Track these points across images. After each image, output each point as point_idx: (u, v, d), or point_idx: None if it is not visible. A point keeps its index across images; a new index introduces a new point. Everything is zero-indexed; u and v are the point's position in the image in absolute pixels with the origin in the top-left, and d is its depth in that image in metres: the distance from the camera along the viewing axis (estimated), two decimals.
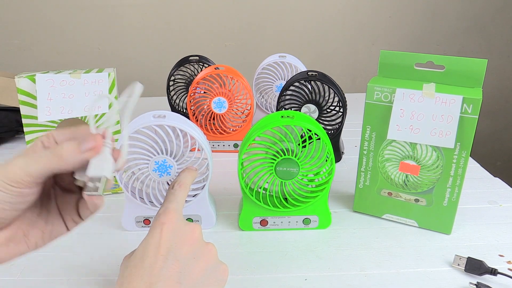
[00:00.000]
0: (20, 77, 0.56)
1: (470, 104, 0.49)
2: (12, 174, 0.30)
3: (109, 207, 0.61)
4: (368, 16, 1.35)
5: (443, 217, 0.55)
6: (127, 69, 1.34)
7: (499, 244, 0.54)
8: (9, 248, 0.33)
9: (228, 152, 0.81)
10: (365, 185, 0.58)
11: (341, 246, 0.54)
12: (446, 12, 1.36)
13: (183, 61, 0.87)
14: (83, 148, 0.31)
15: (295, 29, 1.35)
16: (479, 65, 0.51)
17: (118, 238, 0.55)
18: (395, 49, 1.38)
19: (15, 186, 0.30)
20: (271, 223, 0.56)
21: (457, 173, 0.52)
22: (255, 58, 1.22)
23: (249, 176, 0.53)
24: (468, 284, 0.47)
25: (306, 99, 0.72)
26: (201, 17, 1.31)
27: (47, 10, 1.26)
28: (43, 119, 0.57)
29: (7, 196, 0.30)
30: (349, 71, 1.41)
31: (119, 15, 1.28)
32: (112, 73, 0.60)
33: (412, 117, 0.51)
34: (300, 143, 0.52)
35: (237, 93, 0.77)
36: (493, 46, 1.42)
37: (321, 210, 0.56)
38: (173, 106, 0.89)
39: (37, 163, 0.30)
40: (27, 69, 1.20)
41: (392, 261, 0.51)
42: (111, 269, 0.49)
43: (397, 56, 0.55)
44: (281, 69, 0.86)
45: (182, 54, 0.90)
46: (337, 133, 0.73)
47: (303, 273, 0.49)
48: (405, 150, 0.54)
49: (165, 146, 0.50)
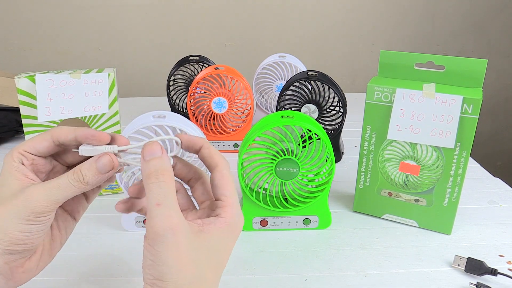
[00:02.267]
0: (20, 77, 0.56)
1: (470, 104, 0.49)
2: (38, 206, 0.30)
3: (109, 207, 0.61)
4: (368, 16, 1.35)
5: (443, 217, 0.55)
6: (127, 69, 1.34)
7: (499, 244, 0.54)
8: (38, 267, 0.34)
9: (228, 152, 0.81)
10: (365, 185, 0.58)
11: (341, 246, 0.54)
12: (446, 12, 1.36)
13: (183, 61, 0.87)
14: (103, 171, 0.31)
15: (295, 29, 1.35)
16: (479, 65, 0.51)
17: (118, 238, 0.55)
18: (395, 49, 1.38)
19: (43, 216, 0.30)
20: (271, 223, 0.56)
21: (457, 173, 0.52)
22: (255, 58, 1.22)
23: (249, 176, 0.53)
24: (468, 284, 0.47)
25: (306, 99, 0.72)
26: (201, 17, 1.31)
27: (47, 10, 1.26)
28: (43, 119, 0.57)
29: (38, 227, 0.31)
30: (349, 71, 1.41)
31: (119, 15, 1.28)
32: (112, 73, 0.60)
33: (412, 117, 0.51)
34: (300, 143, 0.52)
35: (237, 93, 0.77)
36: (493, 46, 1.42)
37: (321, 210, 0.56)
38: (173, 106, 0.89)
39: (60, 190, 0.31)
40: (27, 69, 1.20)
41: (392, 261, 0.51)
42: (111, 269, 0.49)
43: (397, 56, 0.55)
44: (281, 69, 0.86)
45: (182, 54, 0.91)
46: (337, 133, 0.73)
47: (303, 273, 0.49)
48: (405, 150, 0.54)
49: (165, 146, 0.50)
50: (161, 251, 0.27)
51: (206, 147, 0.33)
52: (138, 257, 0.51)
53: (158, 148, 0.30)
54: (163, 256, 0.27)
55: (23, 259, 0.32)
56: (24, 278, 0.33)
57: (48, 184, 0.31)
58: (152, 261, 0.27)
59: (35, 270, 0.34)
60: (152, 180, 0.29)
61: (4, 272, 0.31)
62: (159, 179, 0.29)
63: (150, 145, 0.30)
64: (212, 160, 0.32)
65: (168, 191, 0.29)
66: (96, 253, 0.52)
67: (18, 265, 0.32)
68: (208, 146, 0.33)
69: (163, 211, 0.28)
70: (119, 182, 0.52)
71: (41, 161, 0.33)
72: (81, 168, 0.31)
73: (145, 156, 0.30)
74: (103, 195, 0.65)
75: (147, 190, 0.29)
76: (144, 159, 0.30)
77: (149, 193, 0.29)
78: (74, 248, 0.53)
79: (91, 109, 0.59)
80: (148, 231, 0.27)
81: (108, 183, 0.34)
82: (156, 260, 0.27)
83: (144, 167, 0.30)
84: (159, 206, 0.28)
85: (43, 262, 0.34)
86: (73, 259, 0.51)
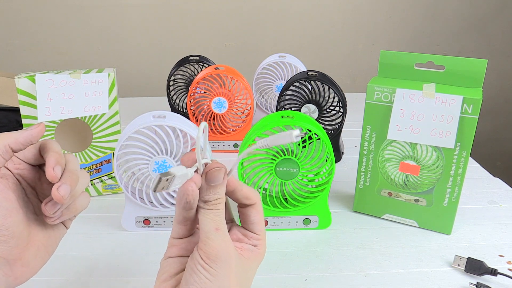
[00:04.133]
0: (20, 77, 0.56)
1: (470, 104, 0.49)
2: None
3: (109, 207, 0.61)
4: (368, 16, 1.35)
5: (443, 217, 0.55)
6: (127, 69, 1.34)
7: (499, 244, 0.54)
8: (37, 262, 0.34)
9: (228, 152, 0.81)
10: (365, 185, 0.58)
11: (341, 246, 0.54)
12: (446, 12, 1.36)
13: (183, 61, 0.87)
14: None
15: (295, 29, 1.35)
16: (479, 65, 0.51)
17: (118, 238, 0.55)
18: (395, 49, 1.38)
19: None
20: (271, 223, 0.56)
21: (457, 173, 0.52)
22: (255, 58, 1.22)
23: (249, 176, 0.53)
24: (468, 284, 0.47)
25: (306, 99, 0.72)
26: (201, 17, 1.31)
27: (47, 10, 1.26)
28: (43, 119, 0.57)
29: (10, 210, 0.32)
30: (349, 71, 1.41)
31: (119, 15, 1.28)
32: (112, 73, 0.60)
33: (412, 117, 0.51)
34: (300, 143, 0.52)
35: (237, 93, 0.77)
36: (493, 46, 1.42)
37: (321, 210, 0.56)
38: (173, 106, 0.89)
39: None
40: (27, 69, 1.20)
41: (392, 261, 0.51)
42: (111, 269, 0.49)
43: (397, 56, 0.55)
44: (281, 69, 0.86)
45: (182, 54, 0.91)
46: (337, 133, 0.73)
47: (303, 273, 0.49)
48: (405, 150, 0.54)
49: (165, 147, 0.50)
50: (220, 272, 0.30)
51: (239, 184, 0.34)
52: (138, 257, 0.51)
53: (221, 176, 0.31)
54: (221, 276, 0.29)
55: (17, 249, 0.32)
56: (24, 274, 0.33)
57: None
58: (210, 280, 0.29)
59: (34, 266, 0.34)
60: (211, 207, 0.31)
61: (3, 266, 0.31)
62: (218, 207, 0.31)
63: (217, 172, 0.31)
64: (249, 199, 0.34)
65: (223, 218, 0.31)
66: (96, 253, 0.52)
67: (16, 257, 0.32)
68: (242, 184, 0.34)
69: (222, 236, 0.30)
70: (119, 182, 0.52)
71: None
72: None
73: (209, 180, 0.31)
74: (103, 195, 0.65)
75: (203, 213, 0.31)
76: (207, 183, 0.31)
77: (206, 218, 0.31)
78: (74, 248, 0.53)
79: (91, 109, 0.59)
80: (209, 253, 0.30)
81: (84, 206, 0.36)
82: (214, 280, 0.29)
83: (204, 190, 0.31)
84: (218, 231, 0.30)
85: (41, 257, 0.34)
86: (73, 259, 0.51)
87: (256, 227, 0.34)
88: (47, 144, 0.34)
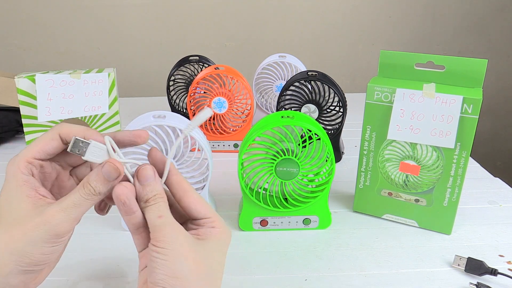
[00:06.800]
0: (20, 77, 0.56)
1: (470, 104, 0.49)
2: (60, 229, 0.30)
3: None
4: (368, 16, 1.35)
5: (443, 217, 0.55)
6: (127, 69, 1.34)
7: (499, 244, 0.54)
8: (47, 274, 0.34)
9: (228, 152, 0.81)
10: (365, 185, 0.58)
11: (341, 246, 0.54)
12: (446, 12, 1.36)
13: (183, 61, 0.87)
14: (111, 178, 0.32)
15: (295, 29, 1.35)
16: (479, 65, 0.51)
17: (117, 238, 0.55)
18: (395, 49, 1.38)
19: (65, 236, 0.31)
20: (271, 223, 0.56)
21: (457, 173, 0.52)
22: (255, 58, 1.22)
23: (249, 176, 0.53)
24: (468, 284, 0.47)
25: (306, 99, 0.72)
26: (201, 17, 1.31)
27: (47, 10, 1.26)
28: (43, 119, 0.57)
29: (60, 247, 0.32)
30: (349, 71, 1.41)
31: (119, 15, 1.28)
32: (112, 73, 0.60)
33: (412, 117, 0.51)
34: (300, 143, 0.52)
35: (237, 93, 0.77)
36: (493, 46, 1.42)
37: (321, 210, 0.56)
38: (173, 106, 0.89)
39: (77, 207, 0.31)
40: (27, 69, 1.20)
41: (392, 261, 0.51)
42: (111, 269, 0.49)
43: (397, 56, 0.55)
44: (281, 69, 0.86)
45: (182, 54, 0.90)
46: (337, 133, 0.73)
47: (303, 273, 0.49)
48: (405, 150, 0.54)
49: (165, 147, 0.50)
50: (171, 249, 0.30)
51: (175, 173, 0.34)
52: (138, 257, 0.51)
53: (151, 173, 0.33)
54: (173, 253, 0.30)
55: (37, 273, 0.32)
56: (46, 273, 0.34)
57: (63, 203, 0.31)
58: (164, 260, 0.29)
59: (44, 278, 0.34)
60: (151, 203, 0.32)
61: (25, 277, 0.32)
62: (156, 201, 0.32)
63: (145, 170, 0.32)
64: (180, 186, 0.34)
65: (166, 208, 0.32)
66: (96, 253, 0.52)
67: (32, 280, 0.32)
68: (176, 173, 0.35)
69: (166, 220, 0.31)
70: None
71: (48, 167, 0.34)
72: (89, 181, 0.31)
73: (141, 181, 0.32)
74: None
75: (147, 211, 0.32)
76: (140, 184, 0.32)
77: (149, 212, 0.32)
78: (74, 248, 0.53)
79: (91, 109, 0.59)
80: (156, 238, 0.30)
81: None
82: (168, 258, 0.30)
83: (141, 191, 0.32)
84: (161, 218, 0.31)
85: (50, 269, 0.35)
86: (73, 259, 0.51)
87: (201, 212, 0.34)
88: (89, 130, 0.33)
